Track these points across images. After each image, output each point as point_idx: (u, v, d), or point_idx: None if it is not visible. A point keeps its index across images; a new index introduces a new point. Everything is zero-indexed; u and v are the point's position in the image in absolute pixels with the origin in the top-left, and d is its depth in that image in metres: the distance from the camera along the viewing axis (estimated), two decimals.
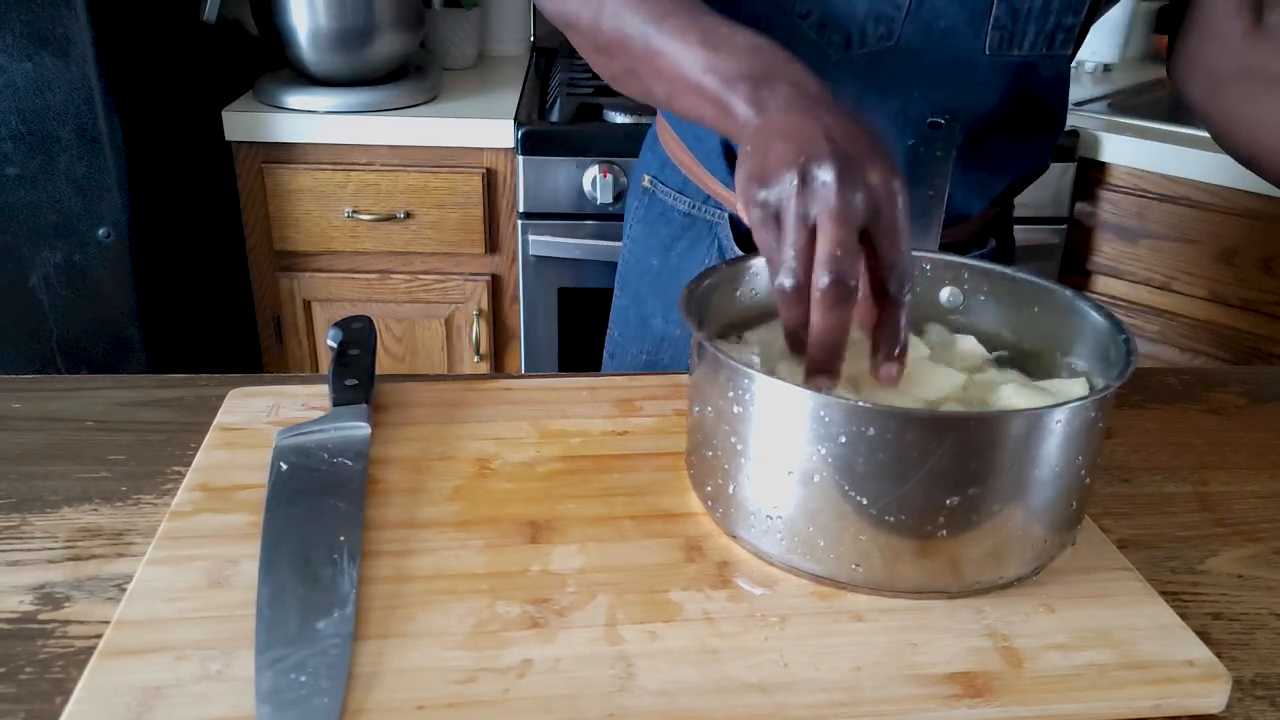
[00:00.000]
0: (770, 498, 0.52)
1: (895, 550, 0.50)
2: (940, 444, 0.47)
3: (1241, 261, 1.53)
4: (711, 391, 0.53)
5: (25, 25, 1.36)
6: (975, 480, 0.48)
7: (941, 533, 0.49)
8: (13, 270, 1.49)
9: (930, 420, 0.49)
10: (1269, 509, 0.64)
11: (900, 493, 0.48)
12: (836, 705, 0.45)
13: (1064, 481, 0.51)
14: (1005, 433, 0.48)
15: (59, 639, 0.49)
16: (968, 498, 0.48)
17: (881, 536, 0.50)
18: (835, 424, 0.48)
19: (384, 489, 0.59)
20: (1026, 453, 0.49)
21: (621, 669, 0.46)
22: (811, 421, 0.49)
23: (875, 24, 0.76)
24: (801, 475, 0.50)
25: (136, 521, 0.58)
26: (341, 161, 1.61)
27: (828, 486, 0.49)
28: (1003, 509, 0.50)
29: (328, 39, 1.59)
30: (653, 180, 0.95)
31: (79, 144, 1.43)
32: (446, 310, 1.72)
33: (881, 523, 0.49)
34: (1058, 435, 0.49)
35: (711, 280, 0.60)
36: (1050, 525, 0.52)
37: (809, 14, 0.76)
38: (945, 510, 0.49)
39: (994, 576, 0.52)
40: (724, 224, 0.88)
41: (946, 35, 0.76)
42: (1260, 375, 0.82)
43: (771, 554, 0.53)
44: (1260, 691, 0.49)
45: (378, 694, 0.45)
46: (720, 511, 0.56)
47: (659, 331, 0.95)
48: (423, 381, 0.72)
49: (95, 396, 0.71)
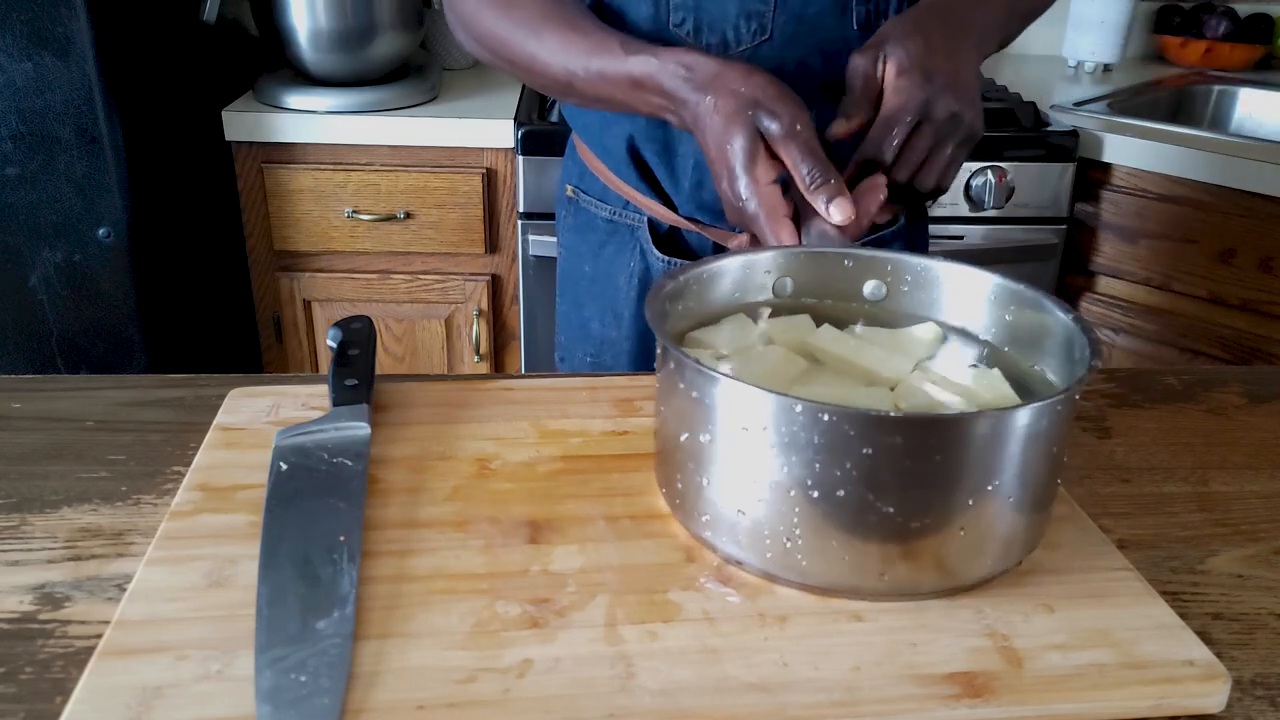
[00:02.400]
0: (745, 504, 0.51)
1: (882, 555, 0.50)
2: (905, 444, 0.47)
3: (1241, 261, 1.53)
4: (709, 418, 0.52)
5: (25, 25, 1.36)
6: (990, 475, 0.48)
7: (961, 531, 0.49)
8: (13, 270, 1.49)
9: (905, 422, 0.48)
10: (1269, 509, 0.64)
11: (925, 496, 0.48)
12: (836, 705, 0.45)
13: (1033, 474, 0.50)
14: (970, 433, 0.48)
15: (59, 639, 0.49)
16: (983, 493, 0.48)
17: (861, 542, 0.49)
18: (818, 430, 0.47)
19: (384, 489, 0.59)
20: (995, 452, 0.49)
21: (621, 669, 0.46)
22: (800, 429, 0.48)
23: (747, 21, 0.80)
24: (822, 490, 0.49)
25: (136, 521, 0.58)
26: (341, 161, 1.61)
27: (854, 498, 0.49)
28: (1015, 496, 0.50)
29: (328, 39, 1.59)
30: (575, 190, 0.97)
31: (79, 144, 1.43)
32: (446, 310, 1.72)
33: (908, 529, 0.49)
34: (1024, 434, 0.49)
35: (672, 287, 0.60)
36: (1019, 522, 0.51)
37: (683, 22, 0.80)
38: (965, 509, 0.49)
39: (976, 573, 0.52)
40: (644, 228, 0.91)
41: (816, 21, 0.80)
42: (1260, 375, 0.82)
43: (788, 577, 0.52)
44: (1260, 691, 0.49)
45: (378, 694, 0.45)
46: (723, 539, 0.54)
47: (598, 334, 0.98)
48: (423, 381, 0.72)
49: (95, 396, 0.71)
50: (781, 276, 0.65)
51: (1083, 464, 0.67)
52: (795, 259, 0.66)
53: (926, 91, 0.69)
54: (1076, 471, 0.66)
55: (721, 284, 0.64)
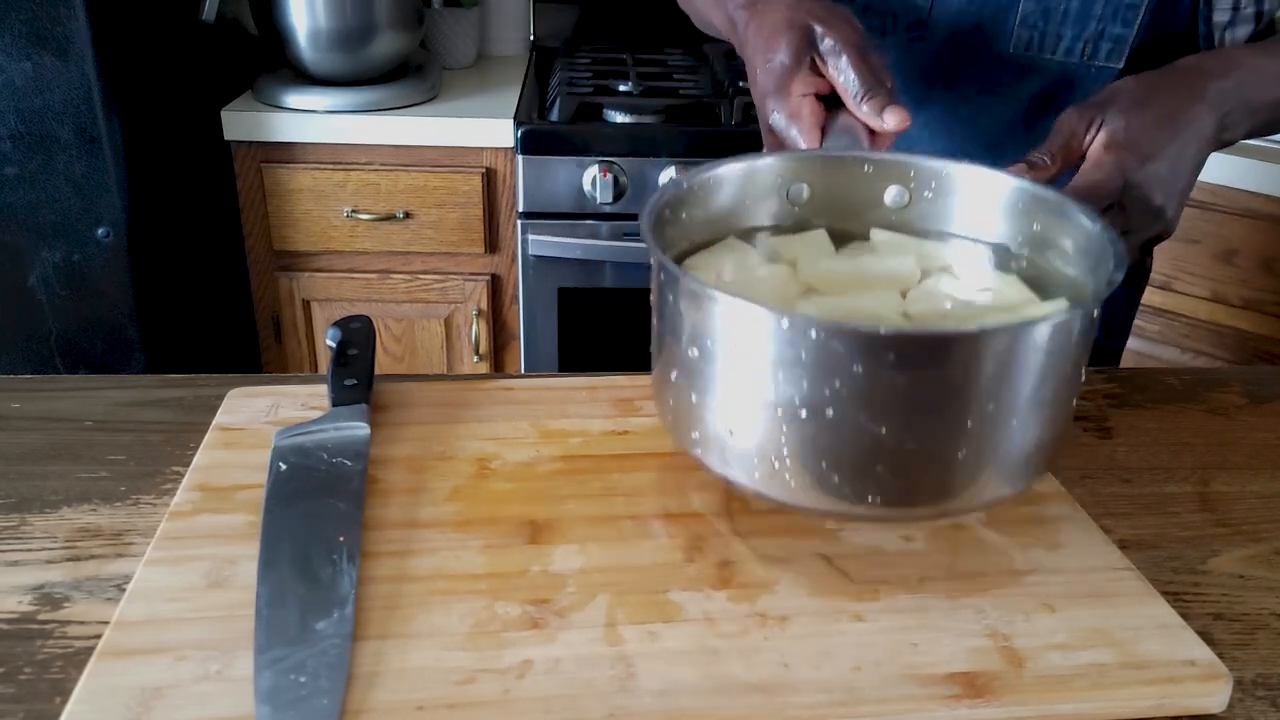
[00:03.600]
0: (733, 422, 0.49)
1: (873, 479, 0.47)
2: (915, 364, 0.45)
3: (1242, 261, 1.53)
4: (704, 331, 0.49)
5: (25, 25, 1.36)
6: (992, 396, 0.45)
7: (961, 453, 0.47)
8: (12, 270, 1.49)
9: (912, 338, 0.45)
10: (1270, 509, 0.63)
11: (922, 417, 0.46)
12: (836, 705, 0.45)
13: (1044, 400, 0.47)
14: (967, 352, 0.45)
15: (58, 639, 0.49)
16: (984, 414, 0.46)
17: (851, 464, 0.47)
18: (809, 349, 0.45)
19: (383, 489, 0.59)
20: (994, 373, 0.45)
21: (621, 669, 0.46)
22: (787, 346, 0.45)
23: (905, 13, 0.76)
24: (811, 409, 0.46)
25: (136, 521, 0.58)
26: (341, 161, 1.61)
27: (844, 418, 0.46)
28: (1018, 420, 0.47)
29: (327, 38, 1.58)
30: None
31: (78, 144, 1.43)
32: (446, 310, 1.72)
33: (901, 450, 0.46)
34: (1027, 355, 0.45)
35: (674, 195, 0.57)
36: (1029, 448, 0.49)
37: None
38: (965, 431, 0.46)
39: (973, 500, 0.49)
40: None
41: (973, 30, 0.74)
42: (1261, 375, 0.82)
43: (780, 498, 0.50)
44: (1261, 692, 0.49)
45: (377, 694, 0.45)
46: (716, 458, 0.52)
47: None
48: (422, 381, 0.71)
49: (94, 396, 0.71)
50: (797, 182, 0.62)
51: (1084, 464, 0.67)
52: (813, 164, 0.62)
53: (1129, 176, 0.61)
54: (1077, 471, 0.66)
55: (729, 191, 0.61)
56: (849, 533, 0.57)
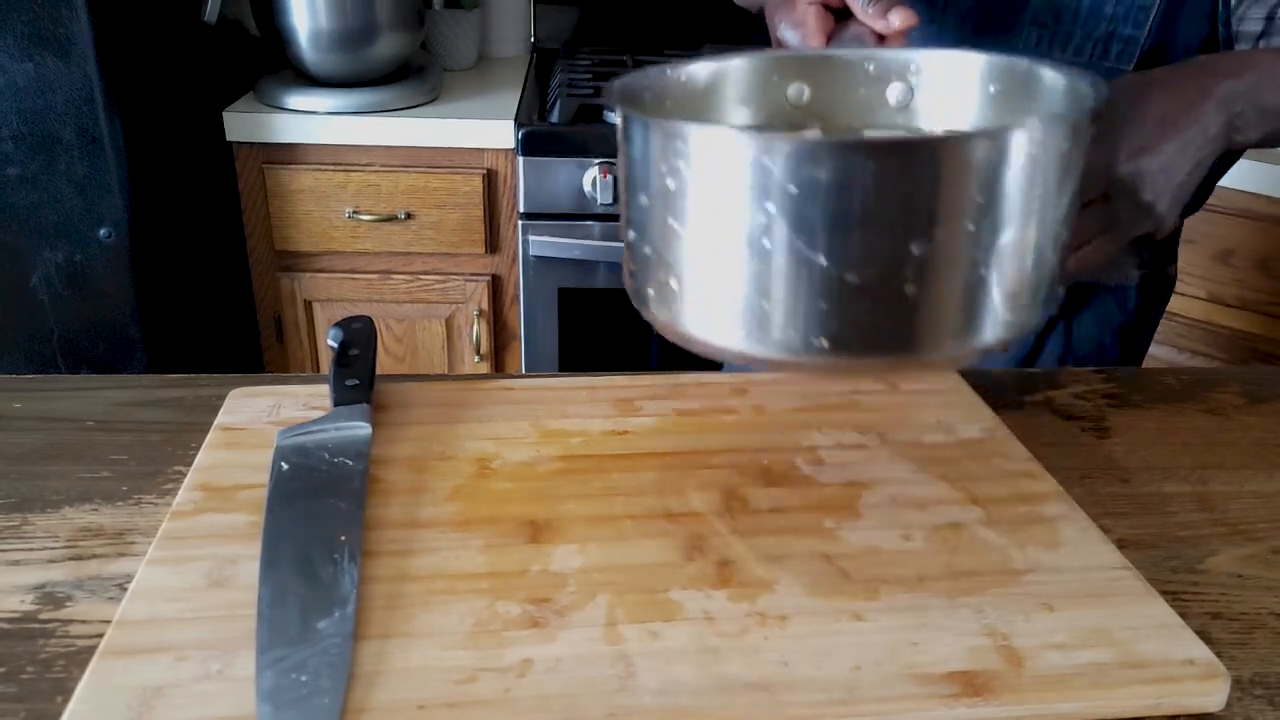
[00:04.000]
0: (674, 262, 0.46)
1: (819, 318, 0.43)
2: (895, 175, 0.41)
3: (1240, 262, 1.53)
4: (646, 172, 0.46)
5: (26, 25, 1.36)
6: (937, 220, 0.41)
7: (909, 287, 0.42)
8: (13, 270, 1.49)
9: (886, 147, 0.42)
10: (1268, 508, 0.64)
11: (862, 242, 0.42)
12: (836, 705, 0.45)
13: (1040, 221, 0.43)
14: (910, 163, 0.41)
15: (60, 638, 0.49)
16: (931, 242, 0.41)
17: (794, 301, 0.43)
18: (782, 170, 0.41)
19: (384, 489, 0.59)
20: (943, 190, 0.41)
21: (621, 668, 0.47)
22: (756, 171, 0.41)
23: (916, 7, 0.74)
24: (749, 240, 0.43)
25: (137, 521, 0.58)
26: (342, 162, 1.62)
27: (782, 248, 0.42)
28: (972, 255, 0.42)
29: (328, 40, 1.59)
30: None
31: (80, 144, 1.43)
32: (447, 310, 1.73)
33: (844, 283, 0.42)
34: (983, 168, 0.41)
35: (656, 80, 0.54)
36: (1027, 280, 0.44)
37: None
38: (911, 260, 0.42)
39: (968, 341, 0.44)
40: None
41: (981, 24, 0.73)
42: (1259, 375, 0.82)
43: (727, 346, 0.46)
44: (1259, 691, 0.49)
45: (378, 694, 0.45)
46: (667, 312, 0.48)
47: None
48: (423, 381, 0.72)
49: (96, 396, 0.71)
50: (797, 81, 0.58)
51: (1082, 464, 0.67)
52: (813, 63, 0.59)
53: (1116, 169, 0.59)
54: (1076, 471, 0.66)
55: (726, 89, 0.57)
56: (848, 532, 0.57)
